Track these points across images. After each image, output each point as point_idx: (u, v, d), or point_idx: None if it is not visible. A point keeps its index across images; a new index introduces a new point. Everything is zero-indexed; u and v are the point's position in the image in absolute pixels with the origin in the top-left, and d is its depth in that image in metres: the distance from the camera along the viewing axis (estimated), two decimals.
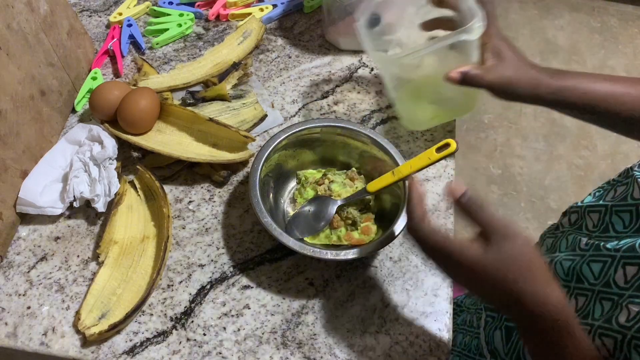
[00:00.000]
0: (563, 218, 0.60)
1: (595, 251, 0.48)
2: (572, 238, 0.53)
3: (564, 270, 0.50)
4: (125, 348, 0.55)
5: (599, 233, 0.51)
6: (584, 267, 0.48)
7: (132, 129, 0.68)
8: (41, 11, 0.66)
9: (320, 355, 0.56)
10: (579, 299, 0.47)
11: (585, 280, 0.47)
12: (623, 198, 0.50)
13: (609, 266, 0.45)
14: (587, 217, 0.54)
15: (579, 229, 0.55)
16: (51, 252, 0.62)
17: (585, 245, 0.50)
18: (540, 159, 1.82)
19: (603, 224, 0.51)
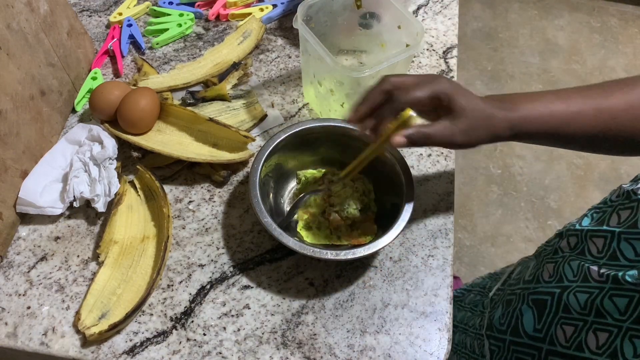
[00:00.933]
0: (560, 241, 0.56)
1: (615, 284, 0.45)
2: (578, 265, 0.50)
3: (579, 303, 0.47)
4: (125, 348, 0.55)
5: (606, 260, 0.48)
6: (605, 302, 0.45)
7: (132, 129, 0.68)
8: (41, 11, 0.66)
9: (320, 355, 0.56)
10: (599, 335, 0.45)
11: (608, 315, 0.44)
12: (632, 225, 0.47)
13: (637, 301, 0.42)
14: (590, 242, 0.51)
15: (582, 254, 0.52)
16: (51, 252, 0.62)
17: (599, 276, 0.47)
18: (540, 159, 1.82)
19: (610, 250, 0.48)
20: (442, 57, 0.84)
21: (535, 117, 0.50)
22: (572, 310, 0.48)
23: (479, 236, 1.62)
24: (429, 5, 0.91)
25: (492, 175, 1.78)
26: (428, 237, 0.64)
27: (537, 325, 0.52)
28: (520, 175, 1.78)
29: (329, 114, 0.73)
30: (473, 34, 2.20)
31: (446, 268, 0.62)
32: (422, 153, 0.72)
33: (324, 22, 0.72)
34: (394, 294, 0.60)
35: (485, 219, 1.67)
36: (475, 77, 2.05)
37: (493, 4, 2.32)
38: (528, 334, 0.53)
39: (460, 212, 1.67)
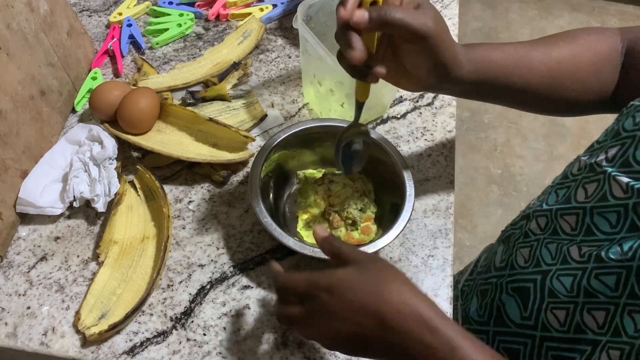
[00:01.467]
0: (529, 223, 0.55)
1: (599, 263, 0.44)
2: (555, 247, 0.50)
3: (565, 287, 0.47)
4: (125, 348, 0.55)
5: (582, 237, 0.48)
6: (592, 282, 0.45)
7: (132, 129, 0.68)
8: (41, 11, 0.66)
9: (320, 355, 0.56)
10: (595, 314, 0.44)
11: (600, 294, 0.44)
12: (601, 198, 0.46)
13: (626, 277, 0.42)
14: (561, 220, 0.50)
15: (554, 234, 0.51)
16: (51, 252, 0.62)
17: (580, 256, 0.47)
18: (540, 159, 1.82)
19: (584, 226, 0.48)
20: None
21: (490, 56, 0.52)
22: (558, 294, 0.48)
23: (479, 236, 1.62)
24: None
25: (492, 175, 1.78)
26: (428, 237, 0.64)
27: (524, 313, 0.51)
28: (520, 175, 1.78)
29: (329, 113, 0.73)
30: (473, 34, 2.20)
31: (446, 268, 0.62)
32: (422, 153, 0.72)
33: (324, 22, 0.72)
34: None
35: (485, 219, 1.67)
36: None
37: (493, 4, 2.32)
38: (515, 322, 0.53)
39: (460, 212, 1.67)
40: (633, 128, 0.46)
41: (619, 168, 0.46)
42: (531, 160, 1.82)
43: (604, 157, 0.48)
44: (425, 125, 0.76)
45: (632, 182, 0.44)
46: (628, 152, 0.45)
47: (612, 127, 0.50)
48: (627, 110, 0.49)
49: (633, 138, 0.46)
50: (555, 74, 0.55)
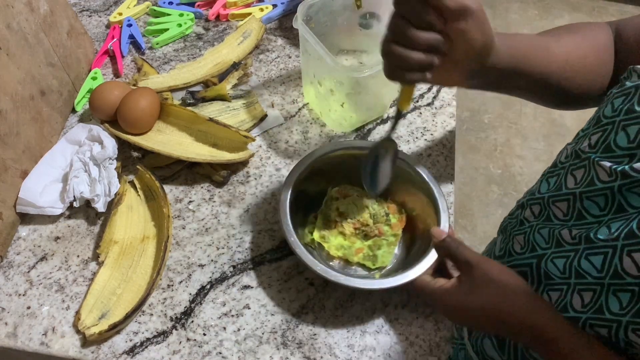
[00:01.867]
0: (523, 211, 0.57)
1: (588, 243, 0.46)
2: (548, 232, 0.52)
3: (558, 268, 0.49)
4: (125, 348, 0.55)
5: (574, 221, 0.49)
6: (582, 262, 0.46)
7: (132, 129, 0.68)
8: (41, 11, 0.66)
9: (320, 355, 0.56)
10: (583, 295, 0.46)
11: (587, 274, 0.46)
12: (589, 183, 0.48)
13: (611, 257, 0.43)
14: (553, 207, 0.52)
15: (548, 220, 0.53)
16: (51, 252, 0.62)
17: (572, 238, 0.48)
18: (540, 159, 1.82)
19: (575, 210, 0.50)
20: None
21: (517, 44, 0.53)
22: (553, 276, 0.49)
23: (479, 236, 1.62)
24: None
25: (492, 175, 1.78)
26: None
27: None
28: (520, 175, 1.78)
29: (328, 114, 0.73)
30: None
31: None
32: (422, 153, 0.72)
33: (324, 22, 0.72)
34: (394, 294, 0.60)
35: (485, 219, 1.67)
36: None
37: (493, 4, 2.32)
38: None
39: (460, 212, 1.67)
40: (612, 114, 0.48)
41: (601, 154, 0.47)
42: (531, 160, 1.82)
43: (587, 143, 0.50)
44: (425, 125, 0.76)
45: (614, 166, 0.45)
46: (609, 138, 0.47)
47: (594, 115, 0.52)
48: (607, 97, 0.51)
49: (613, 124, 0.47)
50: (567, 63, 0.56)
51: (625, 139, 0.45)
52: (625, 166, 0.44)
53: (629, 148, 0.45)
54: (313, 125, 0.75)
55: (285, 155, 0.72)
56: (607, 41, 0.58)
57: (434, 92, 0.80)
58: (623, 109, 0.47)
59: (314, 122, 0.75)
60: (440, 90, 0.80)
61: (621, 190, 0.45)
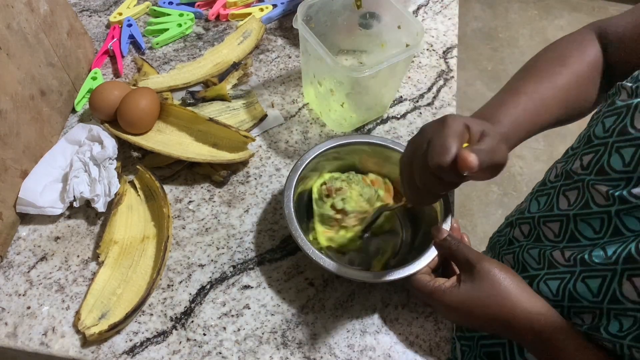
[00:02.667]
0: (512, 230, 0.57)
1: (585, 266, 0.45)
2: (538, 252, 0.51)
3: (551, 290, 0.48)
4: (125, 348, 0.55)
5: (566, 243, 0.49)
6: (578, 285, 0.45)
7: (132, 129, 0.68)
8: (41, 11, 0.66)
9: (320, 355, 0.56)
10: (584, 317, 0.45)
11: (583, 298, 0.45)
12: (584, 205, 0.47)
13: (610, 281, 0.42)
14: (544, 227, 0.51)
15: (538, 241, 0.52)
16: (51, 252, 0.62)
17: (566, 260, 0.47)
18: (540, 159, 1.82)
19: (567, 232, 0.49)
20: (442, 57, 0.84)
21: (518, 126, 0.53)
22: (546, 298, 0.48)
23: (479, 236, 1.62)
24: (429, 5, 0.91)
25: None
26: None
27: None
28: (520, 175, 1.78)
29: (328, 114, 0.73)
30: (473, 34, 2.20)
31: None
32: None
33: (324, 22, 0.72)
34: (394, 294, 0.60)
35: (485, 219, 1.67)
36: (475, 77, 2.05)
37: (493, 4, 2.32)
38: None
39: (460, 212, 1.67)
40: (604, 135, 0.47)
41: (595, 176, 0.46)
42: (531, 160, 1.82)
43: (579, 164, 0.49)
44: None
45: (611, 190, 0.44)
46: (602, 159, 0.46)
47: (584, 133, 0.51)
48: (596, 115, 0.50)
49: (605, 145, 0.46)
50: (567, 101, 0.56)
51: (620, 161, 0.45)
52: (623, 191, 0.43)
53: (625, 171, 0.44)
54: (313, 125, 0.75)
55: (285, 155, 0.72)
56: (596, 53, 0.58)
57: (434, 92, 0.80)
58: (615, 130, 0.46)
59: (314, 122, 0.75)
60: (440, 90, 0.80)
61: (618, 214, 0.44)
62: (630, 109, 0.45)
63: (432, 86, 0.80)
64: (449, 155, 0.40)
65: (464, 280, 0.49)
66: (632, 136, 0.44)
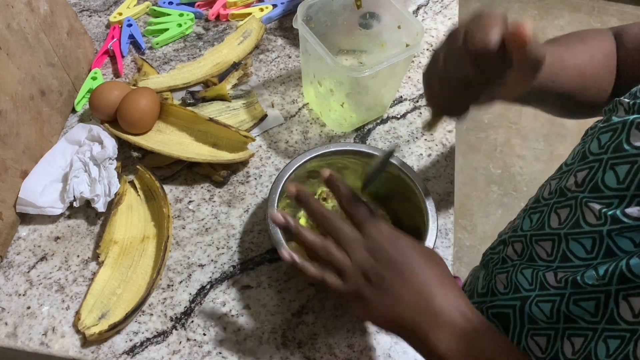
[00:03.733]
0: (505, 248, 0.55)
1: (576, 288, 0.44)
2: (530, 273, 0.49)
3: (544, 313, 0.46)
4: (125, 348, 0.56)
5: (558, 263, 0.47)
6: (571, 307, 0.44)
7: (132, 129, 0.68)
8: (41, 11, 0.66)
9: (320, 355, 0.56)
10: (574, 341, 0.43)
11: (580, 319, 0.43)
12: (575, 224, 0.46)
13: (605, 301, 0.41)
14: (537, 246, 0.50)
15: (531, 260, 0.50)
16: (51, 252, 0.62)
17: (557, 281, 0.46)
18: (540, 159, 1.82)
19: (559, 252, 0.47)
20: None
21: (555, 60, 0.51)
22: (538, 320, 0.47)
23: (479, 236, 1.62)
24: (429, 5, 0.91)
25: (492, 175, 1.78)
26: None
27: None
28: (520, 175, 1.78)
29: (328, 114, 0.73)
30: None
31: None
32: (422, 153, 0.72)
33: (324, 22, 0.72)
34: None
35: (485, 219, 1.67)
36: None
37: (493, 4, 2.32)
38: None
39: (460, 212, 1.67)
40: (599, 151, 0.46)
41: (589, 193, 0.45)
42: (531, 160, 1.82)
43: (573, 181, 0.48)
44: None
45: (604, 209, 0.43)
46: (597, 176, 0.45)
47: (579, 149, 0.50)
48: (591, 131, 0.49)
49: (600, 162, 0.45)
50: (582, 76, 0.55)
51: (614, 179, 0.43)
52: (616, 210, 0.42)
53: (619, 189, 0.43)
54: (313, 125, 0.75)
55: (285, 155, 0.72)
56: (612, 49, 0.57)
57: None
58: (611, 147, 0.45)
59: (314, 122, 0.75)
60: None
61: (610, 234, 0.43)
62: (626, 125, 0.44)
63: None
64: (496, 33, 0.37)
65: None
66: (627, 153, 0.43)
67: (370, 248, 0.45)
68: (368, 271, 0.44)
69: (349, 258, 0.45)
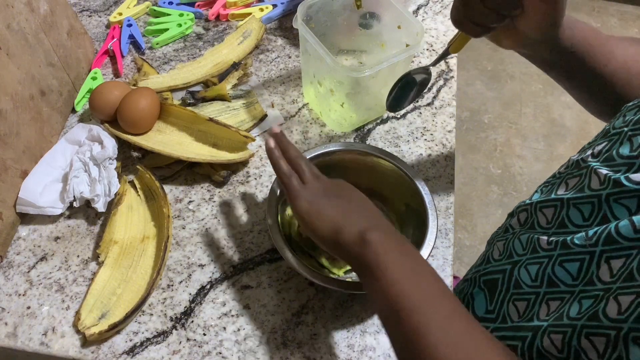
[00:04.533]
0: (511, 219, 0.56)
1: (564, 249, 0.44)
2: (526, 238, 0.49)
3: (530, 276, 0.47)
4: (125, 348, 0.56)
5: (555, 229, 0.47)
6: (556, 269, 0.44)
7: (132, 129, 0.68)
8: (41, 11, 0.66)
9: (320, 355, 0.56)
10: (550, 304, 0.44)
11: (561, 283, 0.43)
12: (579, 189, 0.46)
13: (588, 264, 0.41)
14: (539, 214, 0.50)
15: (531, 228, 0.51)
16: (51, 252, 0.62)
17: (548, 244, 0.46)
18: (540, 159, 1.82)
19: (558, 218, 0.47)
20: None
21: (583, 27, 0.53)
22: (522, 284, 0.47)
23: (479, 236, 1.62)
24: (429, 5, 0.91)
25: (492, 175, 1.78)
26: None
27: (489, 307, 0.51)
28: (520, 175, 1.78)
29: (329, 114, 0.73)
30: None
31: (446, 268, 0.62)
32: (422, 153, 0.72)
33: (324, 22, 0.72)
34: None
35: (485, 219, 1.67)
36: (475, 77, 2.05)
37: None
38: (479, 316, 0.52)
39: (460, 212, 1.67)
40: (621, 125, 0.47)
41: (602, 163, 0.46)
42: (531, 160, 1.82)
43: (590, 152, 0.48)
44: (425, 125, 0.76)
45: (609, 174, 0.43)
46: (613, 147, 0.46)
47: (604, 128, 0.51)
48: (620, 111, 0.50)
49: (620, 134, 0.46)
50: (627, 68, 0.55)
51: (628, 148, 0.44)
52: (621, 175, 0.42)
53: (630, 157, 0.43)
54: (313, 125, 0.75)
55: None
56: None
57: (434, 92, 0.80)
58: (633, 120, 0.45)
59: (314, 122, 0.75)
60: (440, 90, 0.80)
61: (608, 200, 0.43)
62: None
63: (432, 86, 0.80)
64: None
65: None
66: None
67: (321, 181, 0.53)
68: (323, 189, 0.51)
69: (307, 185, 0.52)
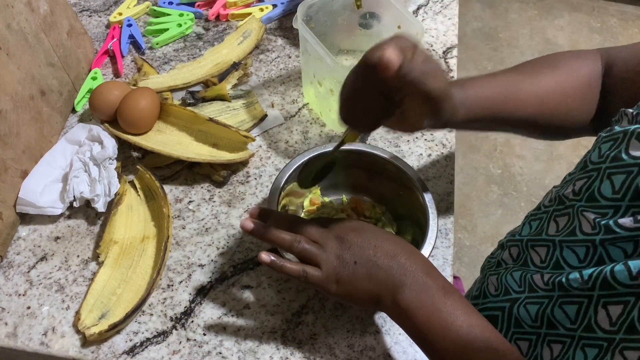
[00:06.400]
0: (502, 252, 0.56)
1: (562, 291, 0.44)
2: (519, 275, 0.49)
3: (530, 315, 0.46)
4: (125, 348, 0.56)
5: (550, 269, 0.47)
6: (555, 311, 0.44)
7: (132, 129, 0.68)
8: (41, 11, 0.66)
9: (320, 355, 0.56)
10: (553, 347, 0.43)
11: (560, 325, 0.43)
12: (570, 232, 0.46)
13: (586, 307, 0.41)
14: (532, 252, 0.50)
15: (525, 265, 0.51)
16: (51, 252, 0.62)
17: (545, 284, 0.46)
18: (540, 159, 1.82)
19: (553, 258, 0.47)
20: (442, 57, 0.84)
21: (480, 97, 0.53)
22: (523, 324, 0.47)
23: (479, 236, 1.62)
24: (429, 5, 0.91)
25: (492, 175, 1.78)
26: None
27: None
28: (520, 175, 1.78)
29: (329, 114, 0.73)
30: (473, 34, 2.20)
31: (446, 268, 0.62)
32: (422, 153, 0.72)
33: (324, 22, 0.72)
34: None
35: (485, 219, 1.67)
36: None
37: (493, 4, 2.32)
38: None
39: (460, 212, 1.67)
40: (598, 160, 0.46)
41: (585, 202, 0.45)
42: (531, 160, 1.82)
43: (571, 189, 0.48)
44: None
45: (598, 219, 0.43)
46: (593, 185, 0.45)
47: (582, 159, 0.50)
48: (596, 141, 0.49)
49: (598, 171, 0.45)
50: (544, 104, 0.55)
51: (610, 189, 0.43)
52: (609, 220, 0.42)
53: (614, 199, 0.43)
54: (313, 125, 0.75)
55: (285, 155, 0.72)
56: (589, 74, 0.57)
57: None
58: (610, 156, 0.45)
59: (314, 122, 0.75)
60: None
61: (603, 243, 0.43)
62: (627, 135, 0.44)
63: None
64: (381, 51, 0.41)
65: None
66: (625, 162, 0.43)
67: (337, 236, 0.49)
68: (341, 253, 0.48)
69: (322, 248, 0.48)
